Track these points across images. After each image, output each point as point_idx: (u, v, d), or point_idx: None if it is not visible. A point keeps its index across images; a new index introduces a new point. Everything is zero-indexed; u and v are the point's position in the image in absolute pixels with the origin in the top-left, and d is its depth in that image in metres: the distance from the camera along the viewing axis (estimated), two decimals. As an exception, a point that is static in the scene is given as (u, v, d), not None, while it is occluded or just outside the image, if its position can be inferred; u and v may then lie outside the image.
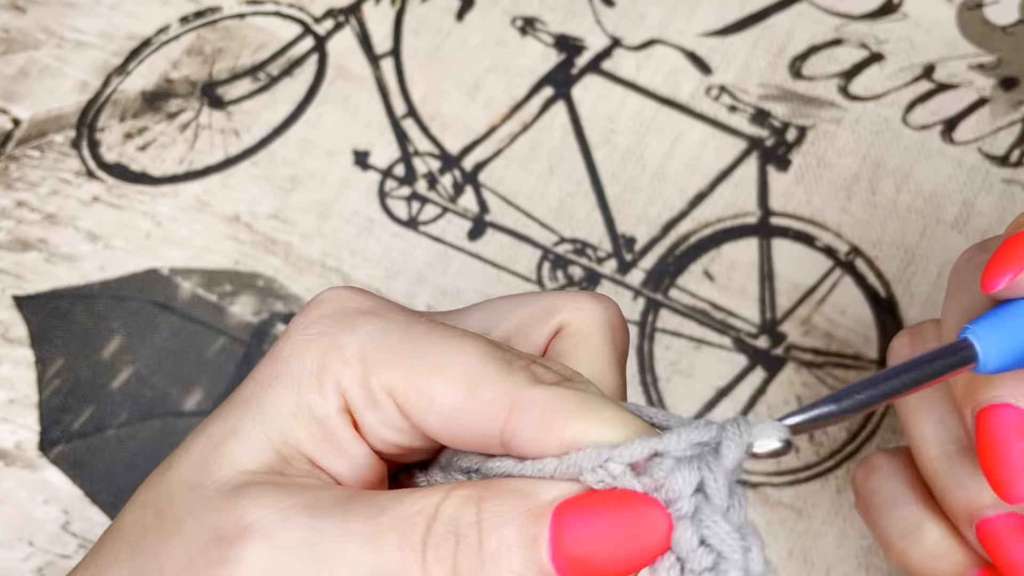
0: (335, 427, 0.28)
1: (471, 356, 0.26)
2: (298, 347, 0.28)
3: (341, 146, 0.50)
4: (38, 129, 0.50)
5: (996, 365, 0.27)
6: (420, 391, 0.26)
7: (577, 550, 0.23)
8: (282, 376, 0.28)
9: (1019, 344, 0.27)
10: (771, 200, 0.48)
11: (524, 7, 0.53)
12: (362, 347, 0.27)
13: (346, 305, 0.29)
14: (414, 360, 0.27)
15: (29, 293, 0.47)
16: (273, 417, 0.28)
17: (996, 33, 0.51)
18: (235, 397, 0.29)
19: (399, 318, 0.28)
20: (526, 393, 0.25)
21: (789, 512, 0.42)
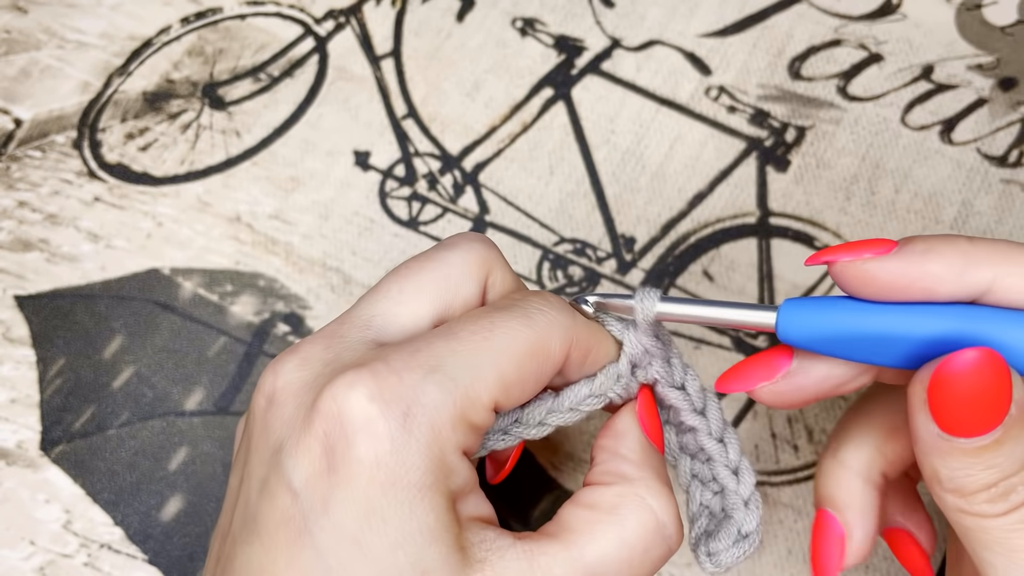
0: (468, 478, 0.31)
1: (519, 328, 0.31)
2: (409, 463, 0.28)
3: (342, 146, 0.50)
4: (40, 129, 0.51)
5: (787, 336, 0.31)
6: (513, 384, 0.30)
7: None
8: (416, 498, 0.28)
9: (813, 328, 0.31)
10: (770, 200, 0.48)
11: (524, 8, 0.53)
12: (452, 406, 0.29)
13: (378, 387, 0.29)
14: (495, 367, 0.30)
15: (30, 293, 0.47)
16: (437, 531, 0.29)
17: (995, 34, 0.51)
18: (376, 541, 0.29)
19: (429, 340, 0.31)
20: (576, 328, 0.32)
21: (788, 511, 0.43)
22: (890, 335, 0.30)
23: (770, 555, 0.42)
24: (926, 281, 0.29)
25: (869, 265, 0.30)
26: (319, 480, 0.28)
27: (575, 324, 0.32)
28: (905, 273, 0.29)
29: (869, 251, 0.30)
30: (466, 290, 0.33)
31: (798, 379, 0.33)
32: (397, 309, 0.32)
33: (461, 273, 0.33)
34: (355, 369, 0.29)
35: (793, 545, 0.42)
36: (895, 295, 0.30)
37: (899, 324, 0.30)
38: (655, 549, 0.31)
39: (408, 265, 0.33)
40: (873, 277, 0.30)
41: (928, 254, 0.29)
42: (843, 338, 0.30)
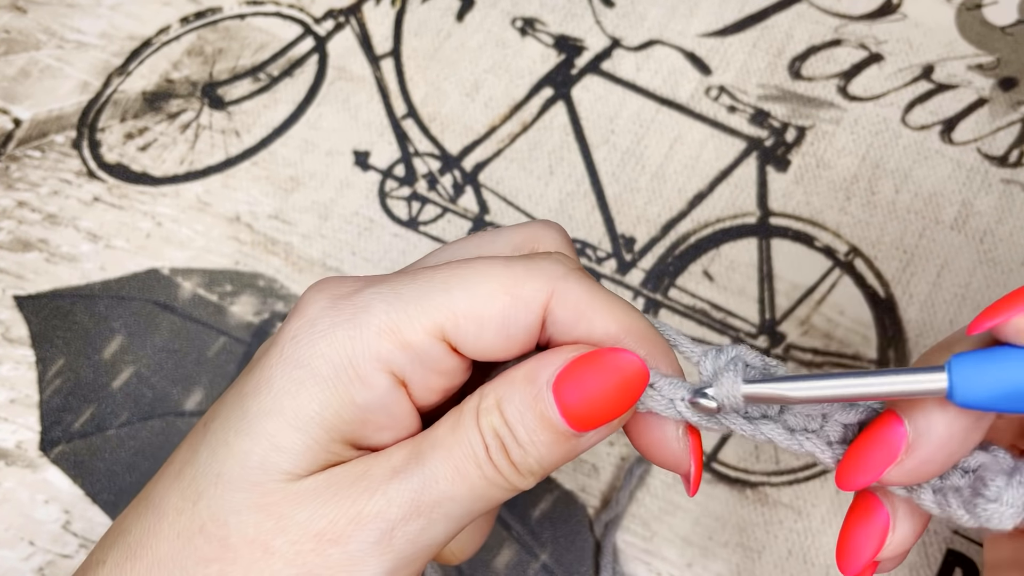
0: (387, 405, 0.29)
1: (493, 267, 0.29)
2: (318, 346, 0.29)
3: (341, 146, 0.50)
4: (39, 129, 0.50)
5: (965, 400, 0.27)
6: (467, 316, 0.29)
7: (581, 407, 0.29)
8: (309, 381, 0.29)
9: (994, 386, 0.27)
10: (770, 200, 0.48)
11: (524, 8, 0.53)
12: (385, 314, 0.29)
13: (339, 290, 0.30)
14: (448, 293, 0.29)
15: (30, 293, 0.47)
16: (314, 422, 0.29)
17: (995, 34, 0.51)
18: (246, 407, 0.29)
19: (394, 277, 0.30)
20: (562, 280, 0.29)
21: (788, 512, 0.43)
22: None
23: (770, 555, 0.42)
24: None
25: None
26: (261, 350, 0.31)
27: (564, 277, 0.29)
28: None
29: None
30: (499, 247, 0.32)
31: (922, 448, 0.28)
32: None
33: (502, 238, 0.32)
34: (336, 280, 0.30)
35: (793, 546, 0.42)
36: None
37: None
38: None
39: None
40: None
41: None
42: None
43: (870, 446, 0.29)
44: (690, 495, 0.32)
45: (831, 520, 0.42)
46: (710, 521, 0.42)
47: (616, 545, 0.42)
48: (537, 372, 0.29)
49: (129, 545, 0.29)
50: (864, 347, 0.45)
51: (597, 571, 0.42)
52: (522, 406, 0.29)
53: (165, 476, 0.30)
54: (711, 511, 0.43)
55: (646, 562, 0.42)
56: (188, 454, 0.30)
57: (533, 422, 0.29)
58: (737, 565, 0.42)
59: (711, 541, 0.42)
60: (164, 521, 0.29)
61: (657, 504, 0.43)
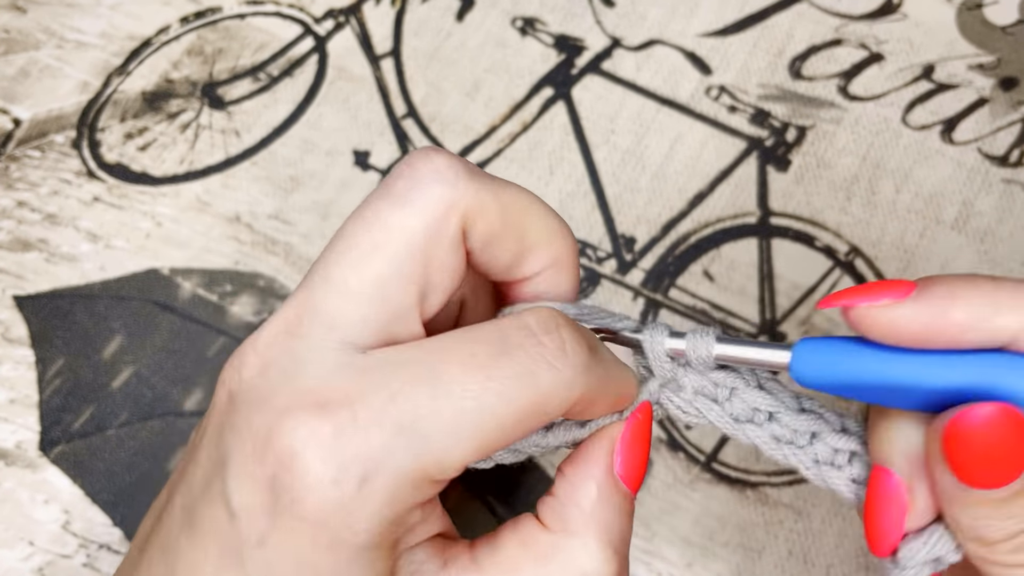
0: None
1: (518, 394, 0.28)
2: (356, 527, 0.27)
3: (341, 146, 0.50)
4: (39, 129, 0.50)
5: (801, 377, 0.29)
6: (500, 444, 0.28)
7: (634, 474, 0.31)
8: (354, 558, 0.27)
9: (829, 371, 0.29)
10: (771, 200, 0.48)
11: (524, 8, 0.53)
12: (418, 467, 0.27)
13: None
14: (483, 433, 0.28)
15: (30, 293, 0.47)
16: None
17: (996, 33, 0.51)
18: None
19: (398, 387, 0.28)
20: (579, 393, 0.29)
21: (789, 512, 0.42)
22: (908, 385, 0.28)
23: (770, 556, 0.42)
24: (950, 331, 0.27)
25: (887, 312, 0.28)
26: (259, 513, 0.27)
27: (586, 382, 0.28)
28: (927, 322, 0.27)
29: (887, 295, 0.28)
30: (440, 263, 0.29)
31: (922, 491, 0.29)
32: (363, 306, 0.28)
33: (427, 243, 0.29)
34: (316, 411, 0.27)
35: (794, 546, 0.42)
36: (916, 343, 0.28)
37: (918, 373, 0.28)
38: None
39: (355, 239, 0.29)
40: (891, 325, 0.28)
41: (951, 300, 0.27)
42: (859, 385, 0.29)
43: (879, 509, 0.30)
44: None
45: (831, 520, 0.42)
46: (710, 521, 0.42)
47: (616, 545, 0.42)
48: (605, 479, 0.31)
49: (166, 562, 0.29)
50: (864, 347, 0.45)
51: (597, 571, 0.42)
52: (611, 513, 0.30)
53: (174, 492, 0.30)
54: (711, 511, 0.43)
55: (646, 562, 0.42)
56: None
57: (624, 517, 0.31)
58: (737, 565, 0.42)
59: (711, 541, 0.42)
60: None
61: (657, 504, 0.43)
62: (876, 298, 0.28)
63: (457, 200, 0.29)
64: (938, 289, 0.28)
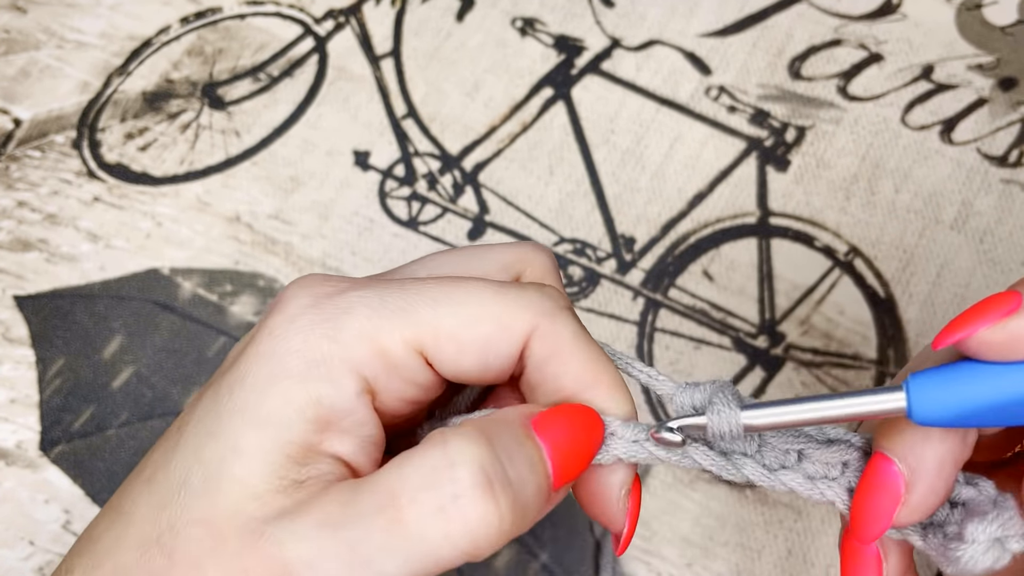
0: (352, 410, 0.28)
1: (484, 291, 0.28)
2: (292, 342, 0.28)
3: (341, 146, 0.50)
4: (39, 129, 0.50)
5: (924, 418, 0.27)
6: (451, 337, 0.28)
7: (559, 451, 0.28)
8: (280, 376, 0.27)
9: (953, 404, 0.27)
10: (770, 200, 0.48)
11: (524, 8, 0.53)
12: (367, 319, 0.28)
13: (324, 289, 0.29)
14: (435, 309, 0.28)
15: (30, 293, 0.47)
16: (277, 422, 0.27)
17: (995, 34, 0.51)
18: (220, 405, 0.28)
19: (382, 283, 0.29)
20: (548, 318, 0.28)
21: (788, 512, 0.43)
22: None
23: (770, 555, 0.42)
24: None
25: (1003, 330, 0.26)
26: (241, 344, 0.30)
27: (552, 314, 0.29)
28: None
29: (1001, 311, 0.26)
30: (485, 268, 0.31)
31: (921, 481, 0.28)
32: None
33: (491, 257, 0.31)
34: (326, 275, 0.29)
35: (793, 546, 0.42)
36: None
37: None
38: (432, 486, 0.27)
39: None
40: (1010, 341, 0.26)
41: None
42: (985, 410, 0.27)
43: (871, 495, 0.28)
44: (617, 554, 0.32)
45: (831, 520, 0.42)
46: (710, 521, 0.42)
47: (616, 545, 0.42)
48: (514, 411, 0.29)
49: (96, 553, 0.28)
50: (864, 347, 0.45)
51: (597, 571, 0.42)
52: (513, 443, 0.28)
53: (137, 481, 0.29)
54: (711, 511, 0.43)
55: (646, 562, 0.42)
56: (160, 458, 0.29)
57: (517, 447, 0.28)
58: (737, 565, 0.42)
59: (711, 541, 0.42)
60: (131, 528, 0.28)
61: (657, 504, 0.43)
62: (991, 320, 0.26)
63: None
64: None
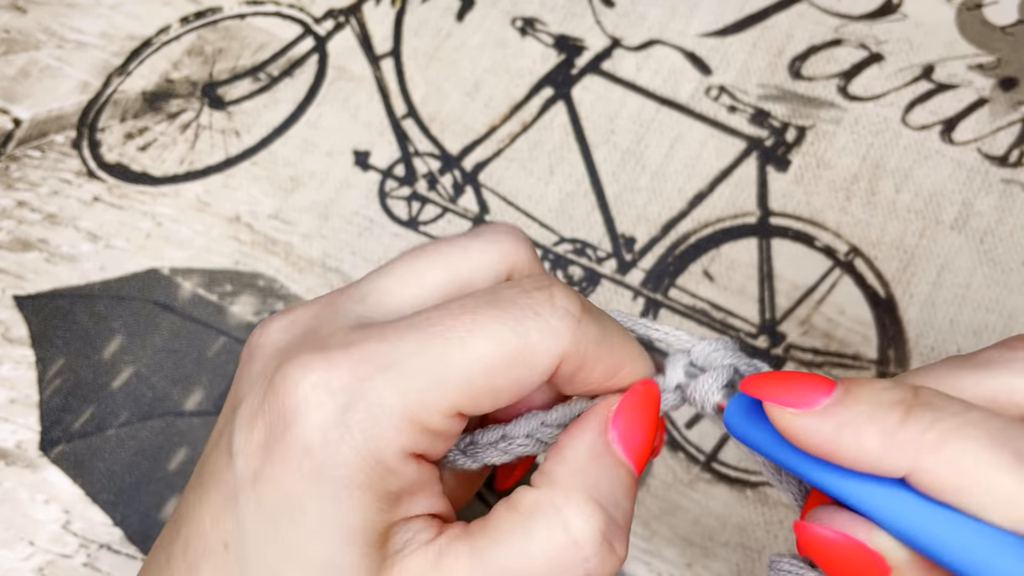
0: (417, 478, 0.29)
1: (502, 332, 0.28)
2: (341, 456, 0.27)
3: (341, 146, 0.50)
4: (39, 129, 0.50)
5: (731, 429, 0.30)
6: (484, 391, 0.28)
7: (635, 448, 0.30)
8: (342, 493, 0.27)
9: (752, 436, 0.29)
10: (771, 200, 0.48)
11: (524, 8, 0.53)
12: (402, 407, 0.28)
13: (333, 379, 0.28)
14: (462, 371, 0.28)
15: (30, 293, 0.47)
16: (360, 529, 0.28)
17: (995, 33, 0.51)
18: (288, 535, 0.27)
19: (392, 342, 0.28)
20: (571, 344, 0.29)
21: (789, 512, 0.43)
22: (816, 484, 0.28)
23: (770, 555, 0.42)
24: (846, 455, 0.26)
25: (793, 421, 0.26)
26: (255, 452, 0.28)
27: (574, 336, 0.29)
28: (824, 443, 0.26)
29: (797, 400, 0.26)
30: (480, 284, 0.31)
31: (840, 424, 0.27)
32: (397, 289, 0.30)
33: (478, 264, 0.31)
34: (315, 351, 0.28)
35: (793, 546, 0.42)
36: (820, 455, 0.27)
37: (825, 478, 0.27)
38: (565, 569, 0.28)
39: (425, 246, 0.31)
40: (795, 434, 0.27)
41: (847, 428, 0.26)
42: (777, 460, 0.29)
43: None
44: None
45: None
46: (710, 521, 0.42)
47: (616, 545, 0.42)
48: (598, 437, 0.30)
49: None
50: (864, 347, 0.45)
51: (597, 571, 0.42)
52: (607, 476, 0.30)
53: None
54: (711, 511, 0.43)
55: (646, 562, 0.42)
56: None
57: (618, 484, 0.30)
58: (737, 565, 0.42)
59: (711, 541, 0.42)
60: None
61: (657, 504, 0.43)
62: (787, 400, 0.27)
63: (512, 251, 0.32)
64: (839, 413, 0.26)
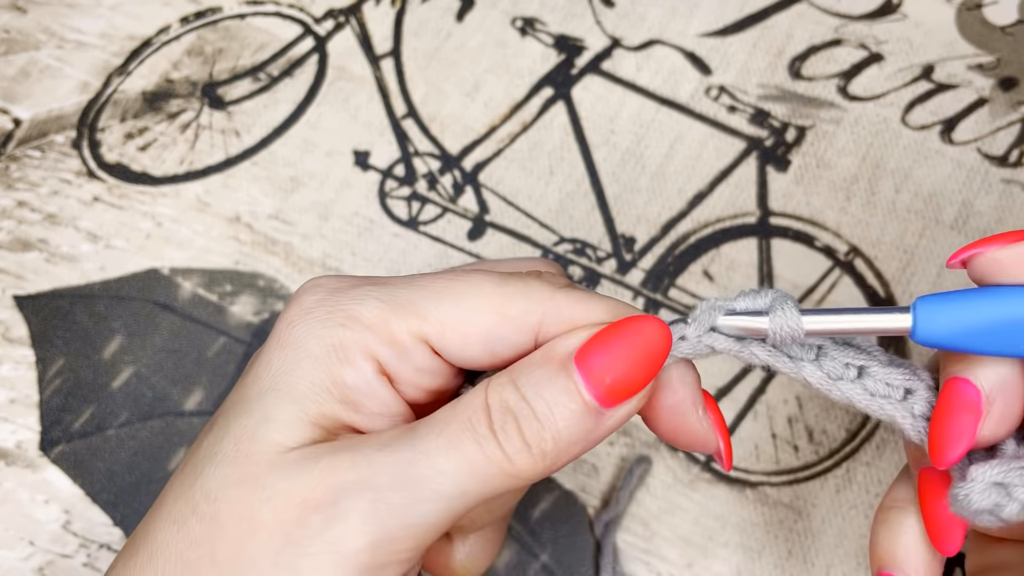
0: (374, 390, 0.30)
1: (485, 284, 0.30)
2: (312, 329, 0.30)
3: (341, 146, 0.50)
4: (39, 129, 0.50)
5: (925, 337, 0.28)
6: (454, 328, 0.29)
7: (608, 378, 0.28)
8: (303, 359, 0.29)
9: (951, 324, 0.28)
10: (770, 200, 0.48)
11: (524, 8, 0.53)
12: (377, 310, 0.29)
13: (337, 285, 0.31)
14: (438, 303, 0.29)
15: (30, 293, 0.47)
16: (307, 396, 0.29)
17: (995, 33, 0.51)
18: (247, 392, 0.30)
19: (392, 280, 0.31)
20: (551, 300, 0.29)
21: (788, 512, 0.43)
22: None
23: (770, 556, 0.42)
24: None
25: (1013, 250, 0.28)
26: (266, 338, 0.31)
27: (554, 296, 0.29)
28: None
29: (1011, 238, 0.28)
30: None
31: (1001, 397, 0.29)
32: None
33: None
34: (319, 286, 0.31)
35: (794, 546, 0.42)
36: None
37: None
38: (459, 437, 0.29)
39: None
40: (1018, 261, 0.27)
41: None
42: (986, 329, 0.28)
43: (952, 414, 0.29)
44: (726, 470, 0.32)
45: (831, 520, 0.42)
46: (710, 521, 0.42)
47: (616, 545, 0.42)
48: (556, 348, 0.29)
49: (133, 541, 0.30)
50: (864, 347, 0.45)
51: (597, 571, 0.42)
52: (543, 379, 0.28)
53: (173, 475, 0.31)
54: (711, 511, 0.43)
55: (646, 562, 0.42)
56: (193, 447, 0.30)
57: (555, 394, 0.28)
58: (737, 565, 0.42)
59: (711, 541, 0.42)
60: (163, 509, 0.29)
61: (657, 504, 0.43)
62: (1001, 243, 0.28)
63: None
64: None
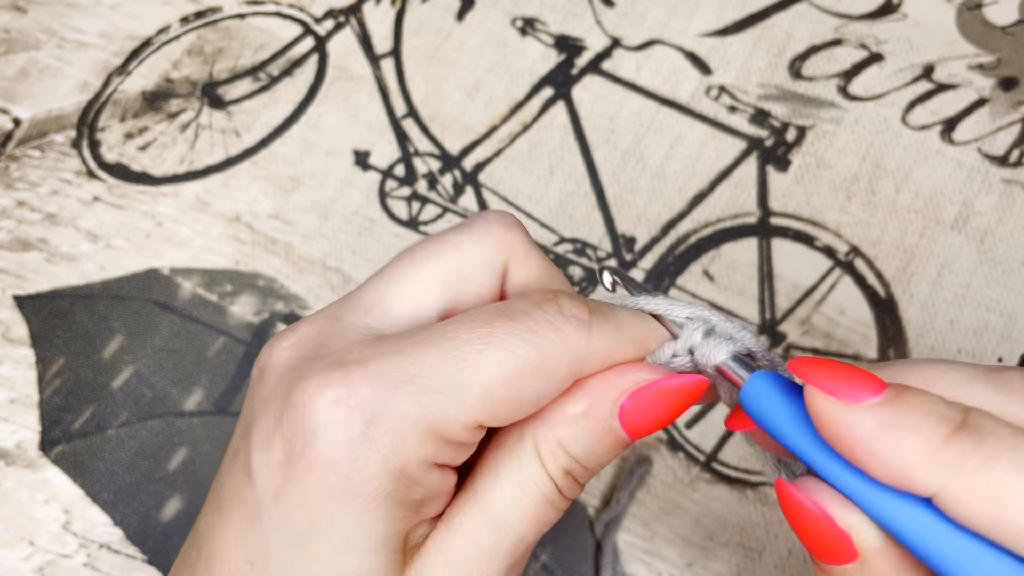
0: (439, 485, 0.29)
1: (521, 347, 0.29)
2: (366, 470, 0.28)
3: (341, 146, 0.50)
4: (39, 129, 0.50)
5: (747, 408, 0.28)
6: (504, 404, 0.28)
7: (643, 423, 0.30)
8: (370, 506, 0.28)
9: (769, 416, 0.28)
10: (771, 200, 0.48)
11: (524, 8, 0.53)
12: (424, 421, 0.28)
13: (351, 395, 0.28)
14: (484, 389, 0.28)
15: (30, 293, 0.47)
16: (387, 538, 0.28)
17: (996, 33, 0.51)
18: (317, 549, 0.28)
19: (410, 355, 0.28)
20: (585, 348, 0.29)
21: (789, 512, 0.43)
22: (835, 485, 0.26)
23: (770, 556, 0.42)
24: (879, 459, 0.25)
25: (834, 411, 0.25)
26: (275, 470, 0.28)
27: (590, 344, 0.29)
28: (860, 441, 0.25)
29: (845, 391, 0.25)
30: (478, 279, 0.31)
31: None
32: (398, 296, 0.30)
33: (473, 259, 0.31)
34: (332, 368, 0.28)
35: (793, 546, 0.42)
36: (846, 451, 0.25)
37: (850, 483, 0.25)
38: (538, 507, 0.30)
39: (417, 247, 0.31)
40: (832, 426, 0.25)
41: (889, 431, 0.25)
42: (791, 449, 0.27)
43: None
44: None
45: (831, 520, 0.42)
46: (710, 521, 0.42)
47: (616, 545, 0.42)
48: (598, 409, 0.29)
49: None
50: (864, 347, 0.45)
51: (597, 571, 0.42)
52: (591, 441, 0.29)
53: None
54: (711, 511, 0.43)
55: (646, 562, 0.42)
56: None
57: (604, 449, 0.30)
58: (737, 565, 0.42)
59: (711, 541, 0.42)
60: None
61: (657, 504, 0.43)
62: (836, 391, 0.26)
63: (504, 238, 0.31)
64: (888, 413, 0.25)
